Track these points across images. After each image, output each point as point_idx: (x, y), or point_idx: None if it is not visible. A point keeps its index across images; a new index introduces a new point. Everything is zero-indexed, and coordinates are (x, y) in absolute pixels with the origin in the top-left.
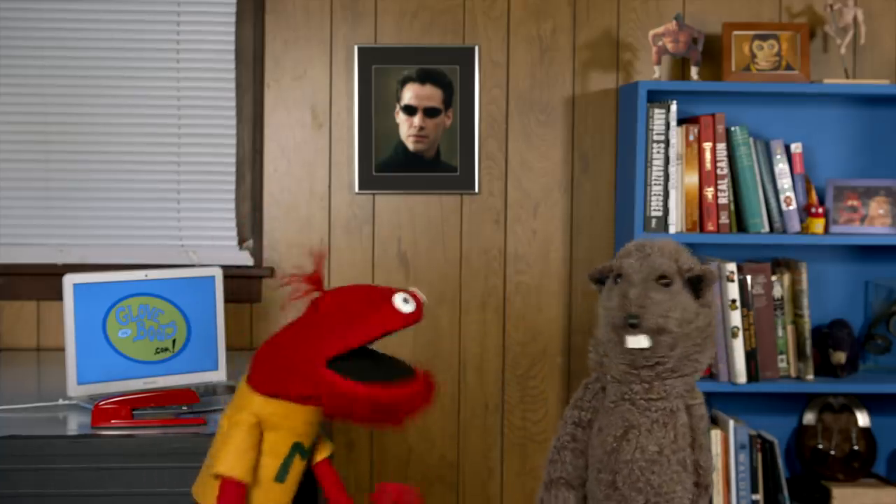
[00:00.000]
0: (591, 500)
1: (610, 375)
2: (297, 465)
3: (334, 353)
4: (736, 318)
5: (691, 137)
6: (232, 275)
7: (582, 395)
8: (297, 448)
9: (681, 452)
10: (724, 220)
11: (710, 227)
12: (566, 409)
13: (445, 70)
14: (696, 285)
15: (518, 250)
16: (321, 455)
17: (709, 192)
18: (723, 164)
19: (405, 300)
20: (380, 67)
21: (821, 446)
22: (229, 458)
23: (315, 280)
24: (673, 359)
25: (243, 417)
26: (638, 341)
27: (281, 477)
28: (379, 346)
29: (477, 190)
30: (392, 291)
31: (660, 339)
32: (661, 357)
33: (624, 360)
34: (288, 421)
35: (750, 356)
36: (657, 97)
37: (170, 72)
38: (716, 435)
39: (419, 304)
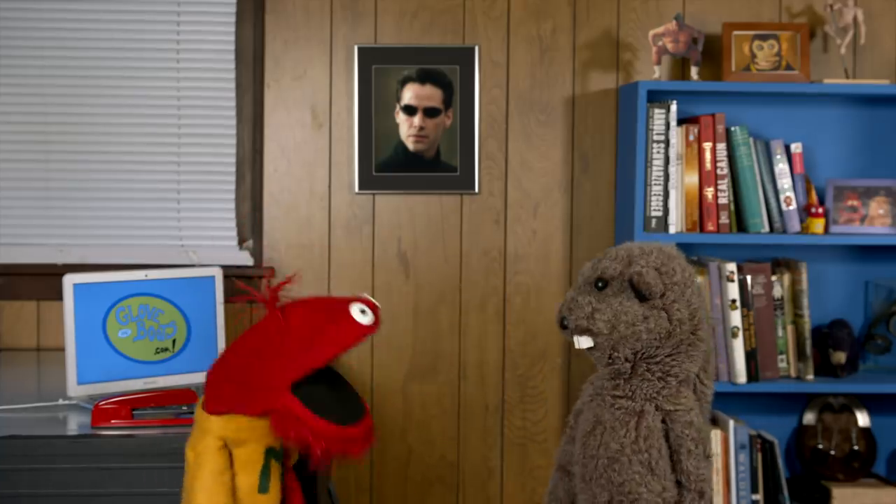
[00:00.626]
0: (577, 490)
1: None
2: (276, 470)
3: (297, 377)
4: (736, 318)
5: (691, 137)
6: (232, 275)
7: (586, 386)
8: (270, 453)
9: (643, 454)
10: (724, 220)
11: (710, 227)
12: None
13: (445, 70)
14: (635, 288)
15: (518, 250)
16: (290, 461)
17: (709, 192)
18: (723, 164)
19: (362, 311)
20: (380, 67)
21: (821, 446)
22: (205, 491)
23: (272, 301)
24: (621, 360)
25: (208, 443)
26: (580, 342)
27: (263, 487)
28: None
29: (477, 190)
30: (347, 303)
31: (598, 341)
32: (609, 358)
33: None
34: (255, 432)
35: (750, 356)
36: (657, 97)
37: (170, 72)
38: (716, 435)
39: (376, 314)
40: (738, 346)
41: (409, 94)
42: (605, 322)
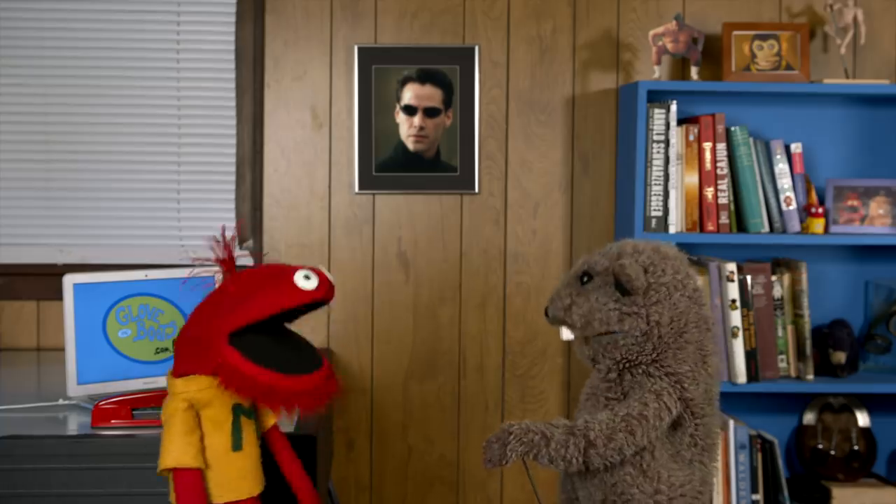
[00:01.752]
0: None
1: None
2: (248, 427)
3: (233, 328)
4: (736, 318)
5: (691, 137)
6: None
7: (583, 389)
8: (238, 410)
9: (634, 456)
10: (724, 220)
11: (710, 227)
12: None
13: (445, 70)
14: (618, 284)
15: (518, 250)
16: (270, 421)
17: (709, 192)
18: (723, 164)
19: (306, 277)
20: (380, 67)
21: (821, 446)
22: (173, 449)
23: (228, 263)
24: (604, 370)
25: (174, 405)
26: (564, 333)
27: (237, 445)
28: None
29: (477, 190)
30: (295, 269)
31: (576, 335)
32: (596, 352)
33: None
34: (217, 389)
35: (750, 356)
36: (657, 97)
37: (170, 72)
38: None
39: (324, 282)
40: (738, 346)
41: (409, 94)
42: (579, 316)
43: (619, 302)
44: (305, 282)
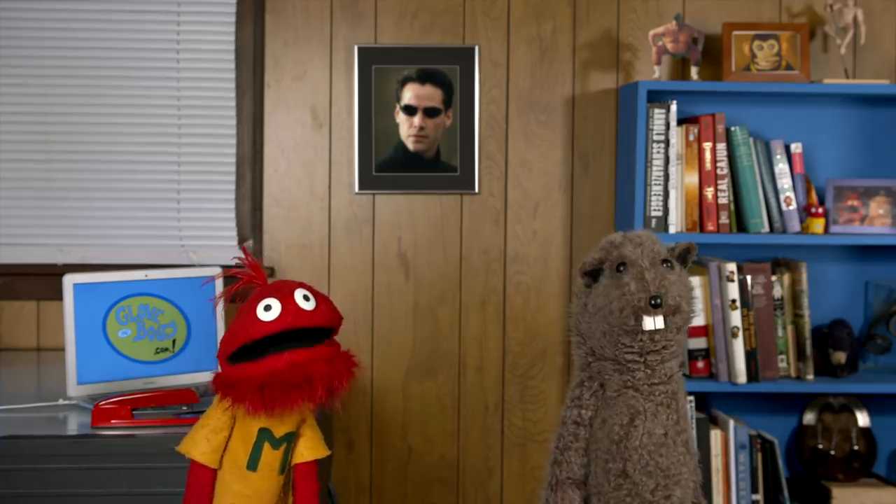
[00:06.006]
0: (596, 496)
1: (610, 368)
2: (269, 454)
3: (229, 352)
4: (736, 318)
5: (691, 137)
6: (232, 275)
7: (580, 394)
8: (264, 434)
9: (684, 434)
10: (724, 220)
11: (710, 227)
12: (563, 410)
13: (445, 70)
14: (685, 261)
15: (518, 250)
16: (304, 456)
17: (709, 192)
18: (723, 164)
19: (266, 307)
20: (380, 67)
21: (821, 446)
22: (193, 438)
23: (259, 276)
24: (678, 342)
25: (218, 403)
26: (655, 322)
27: (252, 464)
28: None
29: (477, 190)
30: (293, 288)
31: (672, 320)
32: (669, 340)
33: (632, 349)
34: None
35: (750, 356)
36: (657, 97)
37: (170, 72)
38: (716, 435)
39: (288, 312)
40: (738, 346)
41: (409, 94)
42: (686, 300)
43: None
44: (305, 302)
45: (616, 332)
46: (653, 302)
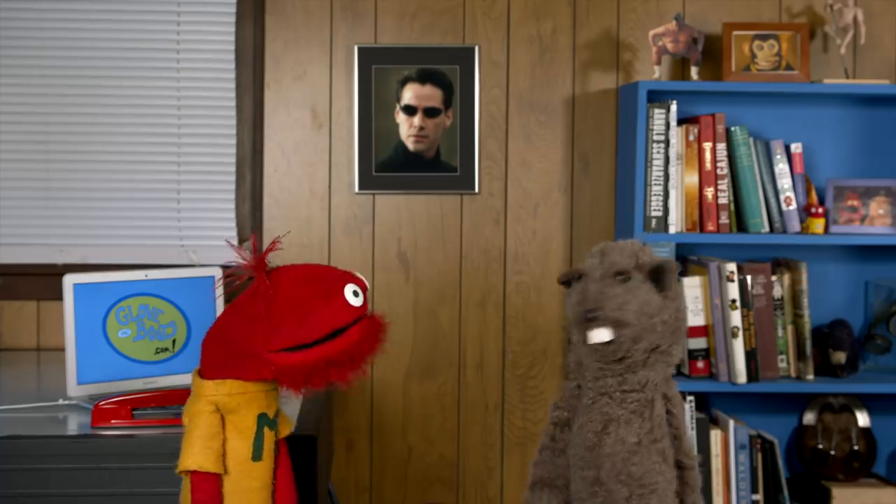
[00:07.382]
0: (576, 501)
1: (588, 374)
2: (269, 438)
3: (285, 347)
4: (736, 318)
5: (691, 137)
6: (231, 274)
7: (560, 396)
8: (263, 419)
9: (659, 443)
10: (724, 220)
11: (710, 227)
12: (549, 412)
13: (445, 70)
14: (658, 278)
15: (518, 250)
16: (282, 432)
17: (709, 192)
18: (723, 164)
19: (355, 293)
20: (380, 67)
21: (821, 446)
22: (194, 451)
23: (259, 266)
24: (640, 351)
25: (200, 407)
26: (600, 335)
27: (257, 455)
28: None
29: (477, 190)
30: (342, 283)
31: (621, 332)
32: (627, 351)
33: (595, 357)
34: (245, 397)
35: (750, 356)
36: (657, 97)
37: (170, 72)
38: (716, 435)
39: (366, 295)
40: (738, 346)
41: (409, 94)
42: (633, 312)
43: (658, 294)
44: (355, 299)
45: (581, 341)
46: (588, 315)
